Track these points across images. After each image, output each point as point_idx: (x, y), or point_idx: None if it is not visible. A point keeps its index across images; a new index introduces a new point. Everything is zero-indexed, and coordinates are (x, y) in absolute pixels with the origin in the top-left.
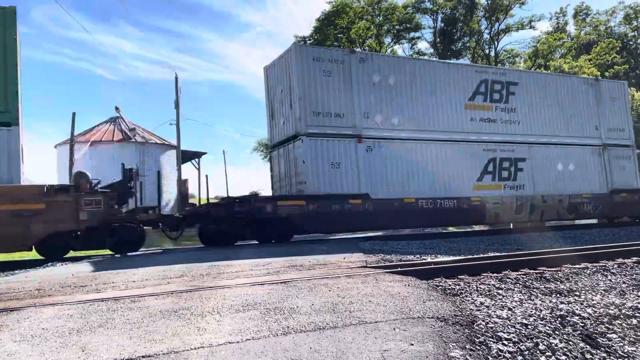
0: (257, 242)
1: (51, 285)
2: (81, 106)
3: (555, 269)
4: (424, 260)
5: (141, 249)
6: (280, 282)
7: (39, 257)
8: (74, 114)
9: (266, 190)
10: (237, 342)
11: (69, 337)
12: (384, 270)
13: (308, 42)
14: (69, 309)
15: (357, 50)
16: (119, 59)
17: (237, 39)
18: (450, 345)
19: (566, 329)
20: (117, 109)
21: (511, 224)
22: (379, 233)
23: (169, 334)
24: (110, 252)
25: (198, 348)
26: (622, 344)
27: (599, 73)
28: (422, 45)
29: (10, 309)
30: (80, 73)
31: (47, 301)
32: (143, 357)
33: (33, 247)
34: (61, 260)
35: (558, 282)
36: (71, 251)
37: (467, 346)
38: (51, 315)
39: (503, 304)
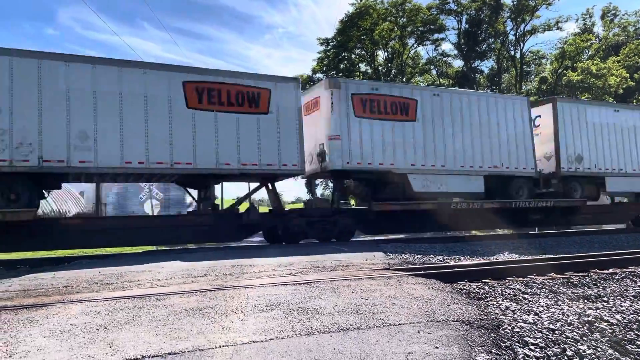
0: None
1: (79, 282)
2: None
3: (582, 274)
4: (447, 263)
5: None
6: (303, 283)
7: (67, 254)
8: None
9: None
10: (261, 341)
11: (97, 333)
12: (407, 273)
13: (331, 44)
14: (96, 306)
15: None
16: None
17: (259, 40)
18: (476, 349)
19: (594, 335)
20: None
21: (536, 228)
22: (401, 235)
23: (194, 332)
24: None
25: (223, 346)
26: None
27: (627, 75)
28: (446, 47)
29: (40, 304)
30: None
31: (75, 298)
32: (169, 354)
33: None
34: None
35: (585, 288)
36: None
37: (493, 350)
38: (79, 312)
39: (529, 308)
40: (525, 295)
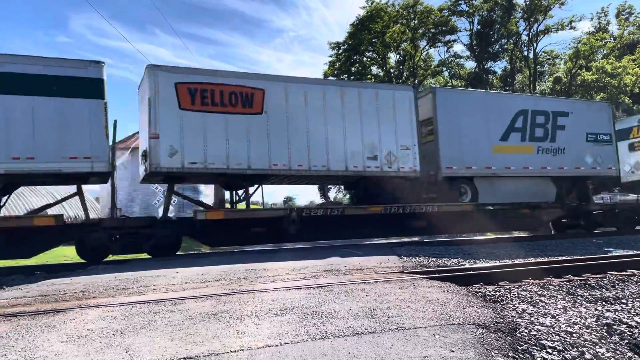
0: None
1: (95, 287)
2: (122, 114)
3: (600, 276)
4: (462, 266)
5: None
6: (317, 287)
7: (82, 260)
8: (115, 121)
9: None
10: (276, 345)
11: (113, 338)
12: (422, 276)
13: (342, 47)
14: (112, 311)
15: None
16: None
17: (269, 44)
18: (493, 353)
19: (613, 338)
20: None
21: (552, 230)
22: (415, 238)
23: (209, 336)
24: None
25: (237, 351)
26: None
27: None
28: (458, 48)
29: (57, 310)
30: (120, 81)
31: (92, 303)
32: (184, 358)
33: None
34: None
35: (603, 290)
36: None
37: (509, 354)
38: (96, 317)
39: (546, 311)
40: (542, 298)
